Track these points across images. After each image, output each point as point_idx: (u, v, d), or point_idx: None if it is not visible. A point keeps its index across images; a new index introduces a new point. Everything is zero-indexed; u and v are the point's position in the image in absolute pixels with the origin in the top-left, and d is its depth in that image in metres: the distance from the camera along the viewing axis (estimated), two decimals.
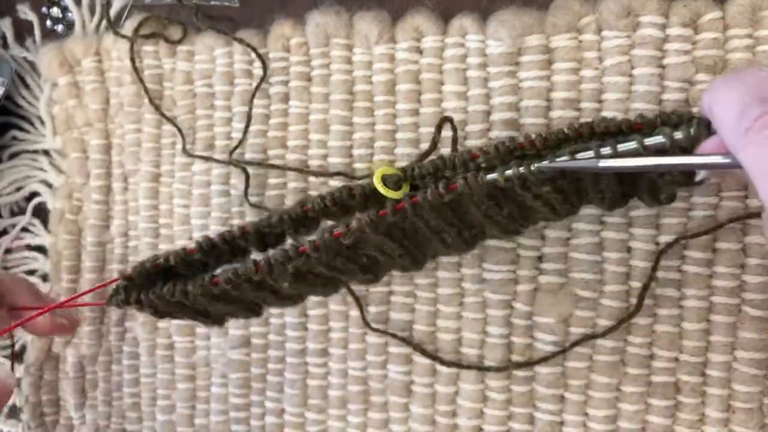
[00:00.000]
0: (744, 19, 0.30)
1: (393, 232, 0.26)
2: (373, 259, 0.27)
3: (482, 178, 0.24)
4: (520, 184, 0.24)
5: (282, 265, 0.25)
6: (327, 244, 0.25)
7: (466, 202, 0.25)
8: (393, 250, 0.27)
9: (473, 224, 0.27)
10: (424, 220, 0.25)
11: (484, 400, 0.34)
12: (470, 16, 0.33)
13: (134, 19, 0.38)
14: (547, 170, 0.23)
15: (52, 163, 0.42)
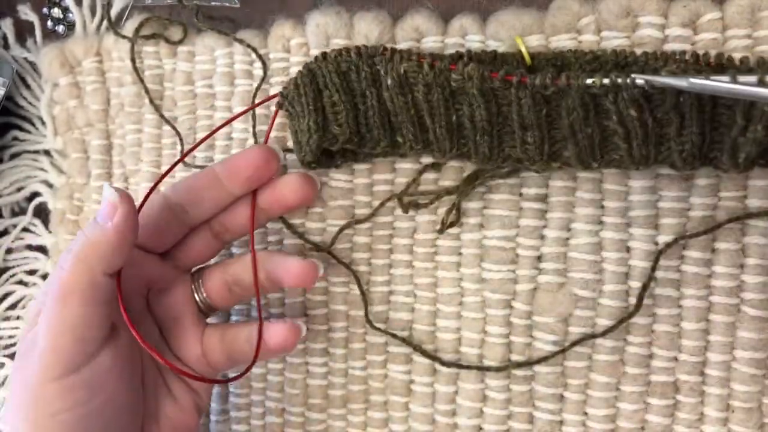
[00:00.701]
0: (743, 19, 0.30)
1: (491, 102, 0.28)
2: (460, 124, 0.29)
3: (582, 79, 0.25)
4: (613, 95, 0.25)
5: (400, 58, 0.28)
6: (440, 67, 0.28)
7: (563, 103, 0.26)
8: (481, 122, 0.29)
9: (557, 138, 0.28)
10: (520, 106, 0.27)
11: (483, 399, 0.34)
12: (470, 17, 0.33)
13: (135, 19, 0.39)
14: (640, 85, 0.24)
15: (53, 163, 0.42)
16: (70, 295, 0.26)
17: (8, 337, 0.43)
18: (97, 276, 0.27)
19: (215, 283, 0.32)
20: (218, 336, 0.32)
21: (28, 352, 0.27)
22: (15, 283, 0.43)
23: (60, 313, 0.26)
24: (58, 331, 0.26)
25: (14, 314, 0.43)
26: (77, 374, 0.27)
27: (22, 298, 0.43)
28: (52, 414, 0.27)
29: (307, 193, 0.33)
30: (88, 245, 0.27)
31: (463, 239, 0.34)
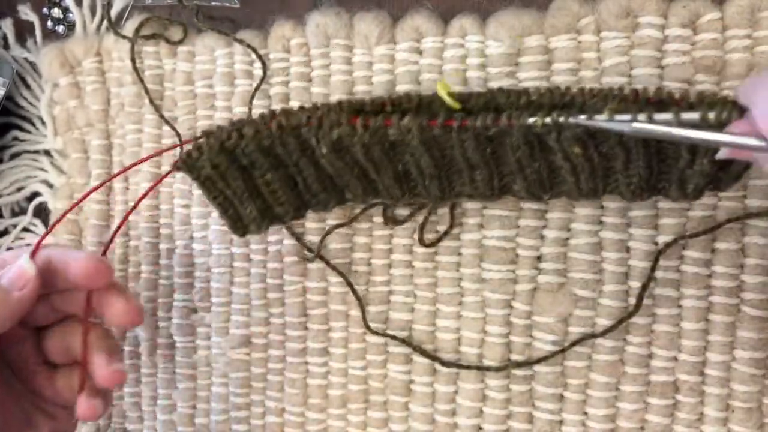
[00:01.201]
0: (743, 19, 0.30)
1: (434, 149, 0.27)
2: (406, 173, 0.28)
3: (524, 119, 0.24)
4: (556, 134, 0.24)
5: (330, 126, 0.26)
6: (376, 126, 0.26)
7: (506, 141, 0.25)
8: (427, 168, 0.28)
9: (505, 173, 0.28)
10: (464, 149, 0.26)
11: (483, 399, 0.34)
12: (470, 17, 0.33)
13: (135, 19, 0.39)
14: (583, 125, 0.23)
15: (53, 163, 0.42)
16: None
17: None
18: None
19: (54, 342, 0.32)
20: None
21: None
22: None
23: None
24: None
25: None
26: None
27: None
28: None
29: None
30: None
31: (463, 239, 0.34)
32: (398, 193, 0.29)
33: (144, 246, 0.40)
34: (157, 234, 0.40)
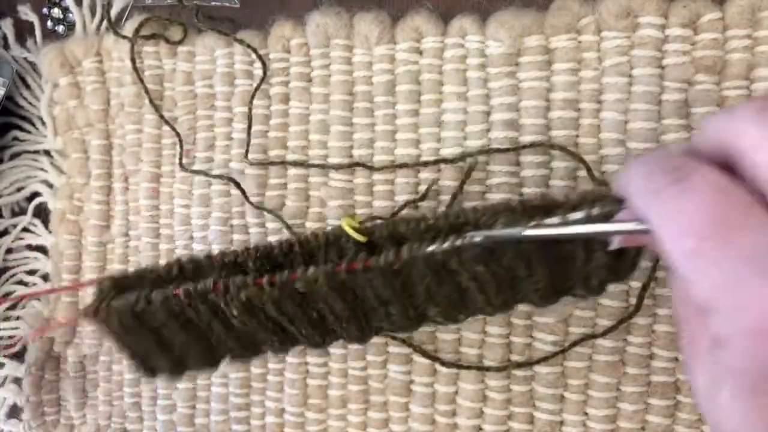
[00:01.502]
0: (743, 19, 0.30)
1: (345, 292, 0.26)
2: (322, 318, 0.28)
3: (424, 248, 0.24)
4: (457, 258, 0.24)
5: (237, 289, 0.25)
6: (283, 282, 0.25)
7: (413, 272, 0.25)
8: (342, 312, 0.27)
9: (418, 303, 0.28)
10: (373, 287, 0.26)
11: (483, 399, 0.34)
12: (470, 17, 0.33)
13: (135, 19, 0.39)
14: (481, 243, 0.24)
15: (53, 163, 0.42)
16: None
17: (8, 337, 0.43)
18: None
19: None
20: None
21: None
22: (15, 283, 0.43)
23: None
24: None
25: (14, 314, 0.43)
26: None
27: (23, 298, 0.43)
28: None
29: None
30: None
31: None
32: (319, 340, 0.29)
33: (144, 246, 0.40)
34: (157, 234, 0.39)
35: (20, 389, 0.42)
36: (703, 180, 0.19)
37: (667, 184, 0.19)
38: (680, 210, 0.19)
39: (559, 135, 0.32)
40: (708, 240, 0.18)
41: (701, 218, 0.18)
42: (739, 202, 0.18)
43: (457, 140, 0.34)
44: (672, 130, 0.31)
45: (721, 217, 0.18)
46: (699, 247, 0.18)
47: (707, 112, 0.31)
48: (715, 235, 0.18)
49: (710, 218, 0.18)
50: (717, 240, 0.18)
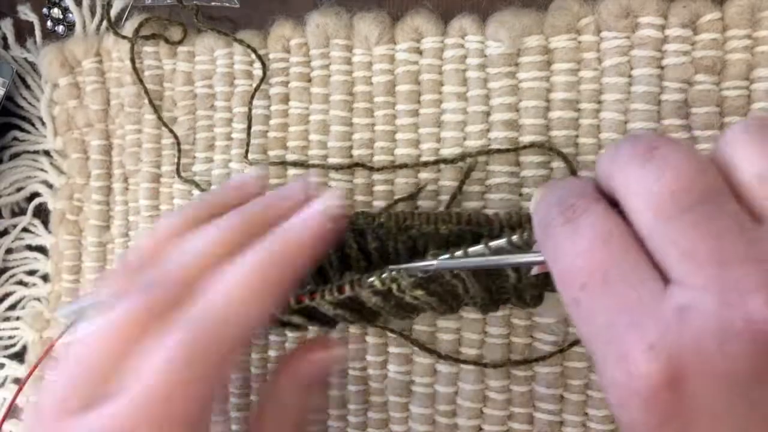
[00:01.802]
0: (743, 19, 0.30)
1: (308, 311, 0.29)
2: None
3: (365, 281, 0.26)
4: (396, 286, 0.26)
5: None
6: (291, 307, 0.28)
7: (358, 299, 0.27)
8: (303, 322, 0.31)
9: (370, 315, 0.31)
10: (326, 309, 0.28)
11: (483, 400, 0.34)
12: (470, 17, 0.33)
13: (135, 20, 0.39)
14: (411, 273, 0.25)
15: (53, 163, 0.42)
16: None
17: (8, 337, 0.43)
18: None
19: None
20: None
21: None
22: (15, 283, 0.43)
23: None
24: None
25: (14, 315, 0.43)
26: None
27: (22, 299, 0.43)
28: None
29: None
30: None
31: None
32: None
33: None
34: None
35: None
36: (588, 224, 0.19)
37: (558, 223, 0.19)
38: (564, 254, 0.19)
39: (559, 135, 0.32)
40: (585, 290, 0.18)
41: (581, 266, 0.18)
42: (618, 251, 0.18)
43: (457, 140, 0.34)
44: (672, 130, 0.31)
45: (597, 268, 0.18)
46: (578, 296, 0.18)
47: (707, 112, 0.31)
48: (592, 285, 0.18)
49: (588, 268, 0.18)
50: (593, 291, 0.18)
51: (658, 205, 0.18)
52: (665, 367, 0.16)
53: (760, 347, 0.16)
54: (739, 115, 0.30)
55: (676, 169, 0.18)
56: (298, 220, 0.25)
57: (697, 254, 0.17)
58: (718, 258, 0.17)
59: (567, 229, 0.19)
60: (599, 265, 0.18)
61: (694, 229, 0.17)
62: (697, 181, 0.18)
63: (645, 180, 0.18)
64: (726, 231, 0.17)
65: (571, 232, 0.19)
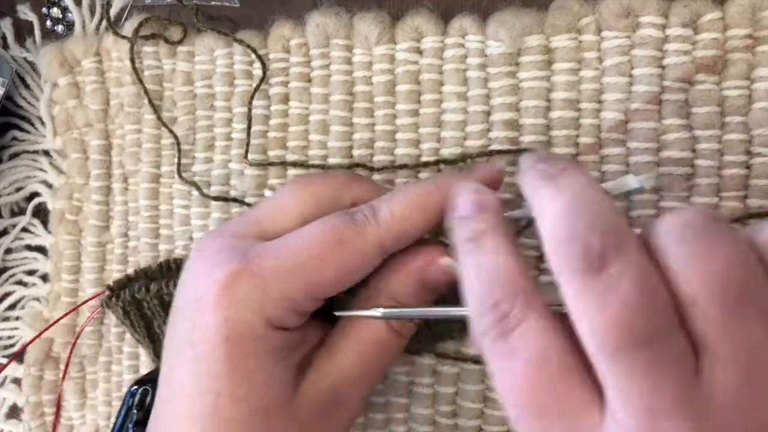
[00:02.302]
0: (744, 19, 0.30)
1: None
2: None
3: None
4: None
5: None
6: None
7: None
8: None
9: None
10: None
11: (484, 400, 0.34)
12: (470, 17, 0.33)
13: (134, 19, 0.38)
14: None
15: (53, 163, 0.42)
16: None
17: (7, 337, 0.43)
18: None
19: None
20: None
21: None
22: (14, 283, 0.43)
23: None
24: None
25: (13, 314, 0.43)
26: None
27: (22, 299, 0.43)
28: None
29: None
30: None
31: None
32: None
33: (143, 246, 0.39)
34: (157, 235, 0.39)
35: (20, 389, 0.42)
36: (523, 343, 0.19)
37: (493, 336, 0.19)
38: (501, 376, 0.19)
39: (559, 135, 0.32)
40: (522, 419, 0.19)
41: (517, 395, 0.19)
42: (557, 377, 0.18)
43: (457, 140, 0.34)
44: (672, 130, 0.31)
45: (532, 400, 0.18)
46: (516, 418, 0.19)
47: (708, 112, 0.31)
48: (528, 416, 0.18)
49: (523, 399, 0.18)
50: (530, 422, 0.18)
51: (602, 337, 0.17)
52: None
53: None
54: (740, 115, 0.30)
55: (624, 298, 0.17)
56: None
57: (632, 398, 0.17)
58: (651, 408, 0.17)
59: (502, 346, 0.19)
60: (534, 395, 0.18)
61: (634, 371, 0.17)
62: (645, 317, 0.17)
63: (591, 301, 0.18)
64: (664, 381, 0.17)
65: (507, 351, 0.19)
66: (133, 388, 0.34)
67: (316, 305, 0.26)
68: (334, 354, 0.27)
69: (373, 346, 0.27)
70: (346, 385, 0.27)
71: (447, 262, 0.27)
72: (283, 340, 0.25)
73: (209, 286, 0.25)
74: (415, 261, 0.27)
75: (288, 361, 0.26)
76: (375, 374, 0.28)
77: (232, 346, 0.24)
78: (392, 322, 0.27)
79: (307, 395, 0.26)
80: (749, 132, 0.30)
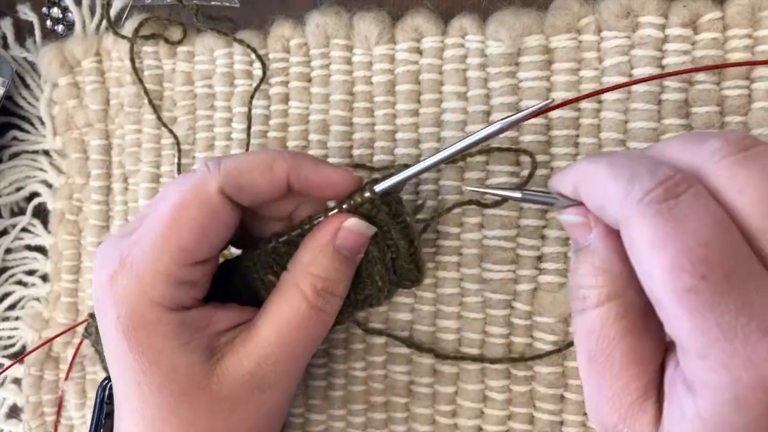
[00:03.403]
0: (743, 19, 0.30)
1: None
2: None
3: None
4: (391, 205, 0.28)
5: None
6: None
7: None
8: None
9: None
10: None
11: (484, 400, 0.34)
12: (470, 17, 0.33)
13: (134, 19, 0.39)
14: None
15: (53, 163, 0.42)
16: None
17: (7, 337, 0.43)
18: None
19: None
20: None
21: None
22: (14, 283, 0.43)
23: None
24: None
25: (13, 315, 0.43)
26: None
27: (22, 299, 0.43)
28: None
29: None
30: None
31: (464, 239, 0.34)
32: None
33: None
34: None
35: (20, 389, 0.42)
36: (702, 205, 0.17)
37: (658, 198, 0.17)
38: (678, 237, 0.17)
39: (559, 135, 0.32)
40: (707, 281, 0.16)
41: (702, 255, 0.17)
42: (739, 243, 0.17)
43: (457, 140, 0.33)
44: (672, 130, 0.31)
45: (721, 260, 0.17)
46: (696, 286, 0.17)
47: (707, 112, 0.31)
48: (715, 278, 0.16)
49: (712, 259, 0.17)
50: (716, 284, 0.16)
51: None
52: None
53: None
54: (740, 115, 0.30)
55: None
56: None
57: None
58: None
59: (674, 207, 0.17)
60: (722, 256, 0.17)
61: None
62: None
63: (752, 178, 0.17)
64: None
65: (682, 212, 0.17)
66: (105, 383, 0.35)
67: (198, 272, 0.27)
68: (254, 335, 0.27)
69: (291, 325, 0.27)
70: (268, 365, 0.27)
71: (352, 222, 0.27)
72: (181, 320, 0.26)
73: (98, 290, 0.26)
74: (323, 232, 0.27)
75: (195, 343, 0.26)
76: (298, 354, 0.28)
77: (130, 339, 0.25)
78: (314, 297, 0.27)
79: (228, 376, 0.26)
80: (749, 132, 0.30)
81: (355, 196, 0.27)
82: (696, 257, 0.17)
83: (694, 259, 0.17)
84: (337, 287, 0.28)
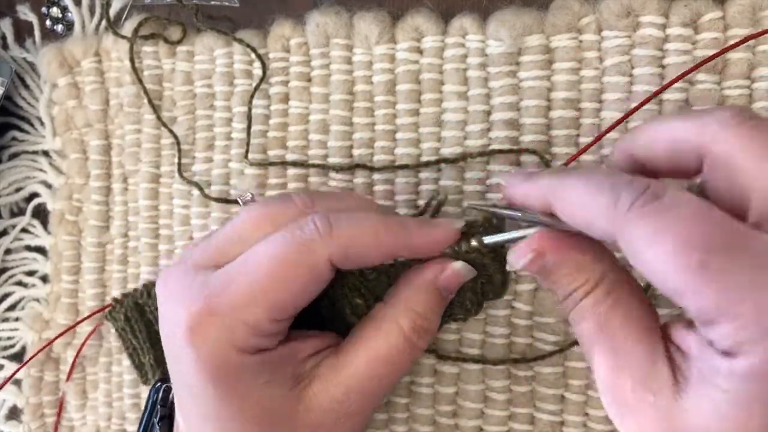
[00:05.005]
0: (744, 19, 0.30)
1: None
2: None
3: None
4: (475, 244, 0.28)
5: None
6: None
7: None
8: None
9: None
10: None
11: (484, 400, 0.34)
12: (470, 16, 0.33)
13: (134, 19, 0.38)
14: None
15: (52, 163, 0.42)
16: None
17: (7, 338, 0.43)
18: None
19: None
20: None
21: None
22: (14, 284, 0.43)
23: None
24: None
25: (13, 315, 0.43)
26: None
27: (21, 299, 0.43)
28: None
29: None
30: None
31: None
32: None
33: (143, 247, 0.39)
34: (157, 235, 0.39)
35: (20, 391, 0.42)
36: (683, 200, 0.19)
37: (642, 203, 0.19)
38: (669, 225, 0.18)
39: (560, 134, 0.32)
40: (713, 252, 0.18)
41: (701, 230, 0.18)
42: (728, 219, 0.18)
43: (457, 140, 0.34)
44: None
45: (719, 230, 0.18)
46: (705, 259, 0.18)
47: None
48: (720, 246, 0.18)
49: (710, 231, 0.18)
50: (724, 251, 0.18)
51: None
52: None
53: None
54: None
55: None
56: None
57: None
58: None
59: (660, 205, 0.19)
60: (719, 228, 0.18)
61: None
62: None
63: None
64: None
65: (668, 206, 0.18)
66: (158, 384, 0.34)
67: (285, 324, 0.26)
68: (345, 364, 0.27)
69: (385, 358, 0.27)
70: (356, 394, 0.27)
71: (459, 264, 0.28)
72: (263, 361, 0.26)
73: (175, 327, 0.26)
74: (428, 271, 0.28)
75: (278, 375, 0.26)
76: (385, 385, 0.28)
77: (213, 377, 0.25)
78: (410, 333, 0.27)
79: (316, 403, 0.26)
80: None
81: (462, 245, 0.27)
82: (696, 235, 0.18)
83: (695, 237, 0.18)
84: (431, 325, 0.28)
